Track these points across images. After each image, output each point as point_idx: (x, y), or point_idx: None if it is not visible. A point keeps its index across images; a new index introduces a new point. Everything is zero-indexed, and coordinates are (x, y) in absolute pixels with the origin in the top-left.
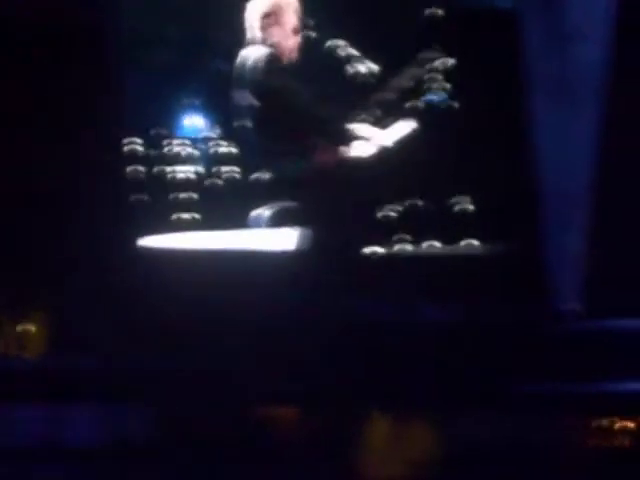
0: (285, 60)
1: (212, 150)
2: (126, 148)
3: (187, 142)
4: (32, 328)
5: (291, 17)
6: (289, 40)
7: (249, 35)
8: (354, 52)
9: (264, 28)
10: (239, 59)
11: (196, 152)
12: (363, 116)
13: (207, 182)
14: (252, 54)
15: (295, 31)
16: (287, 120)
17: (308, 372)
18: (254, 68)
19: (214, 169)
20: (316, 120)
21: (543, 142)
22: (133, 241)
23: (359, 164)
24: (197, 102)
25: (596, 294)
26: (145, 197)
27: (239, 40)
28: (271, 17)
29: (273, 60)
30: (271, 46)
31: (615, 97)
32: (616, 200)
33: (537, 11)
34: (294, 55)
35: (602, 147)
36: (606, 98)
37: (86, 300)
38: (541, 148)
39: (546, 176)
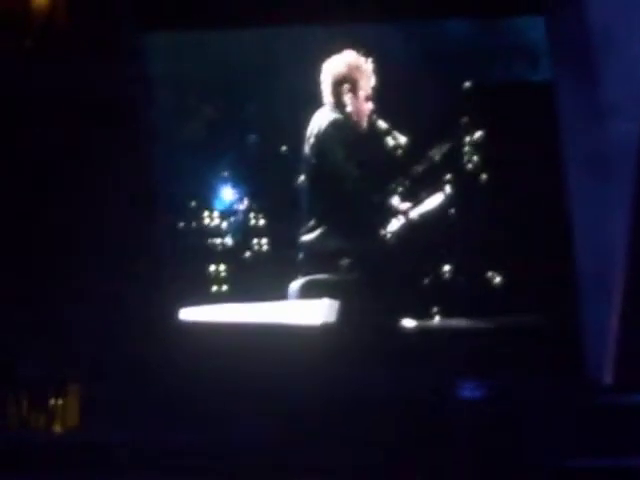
0: (354, 126)
1: (245, 222)
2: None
3: (220, 214)
4: (66, 401)
5: (365, 83)
6: (362, 106)
7: (324, 97)
8: (385, 125)
9: (336, 93)
10: (314, 118)
11: (229, 224)
12: (394, 188)
13: (240, 254)
14: (320, 118)
15: (368, 98)
16: (330, 191)
17: (341, 447)
18: (318, 132)
19: (245, 241)
20: (357, 196)
21: (579, 217)
22: (169, 314)
23: (392, 237)
24: (230, 175)
25: (629, 368)
26: (180, 269)
27: (270, 115)
28: (345, 83)
29: (339, 127)
30: (341, 112)
31: None
32: None
33: (574, 85)
34: (364, 121)
35: (638, 219)
36: None
37: (121, 373)
38: (577, 223)
39: (581, 250)
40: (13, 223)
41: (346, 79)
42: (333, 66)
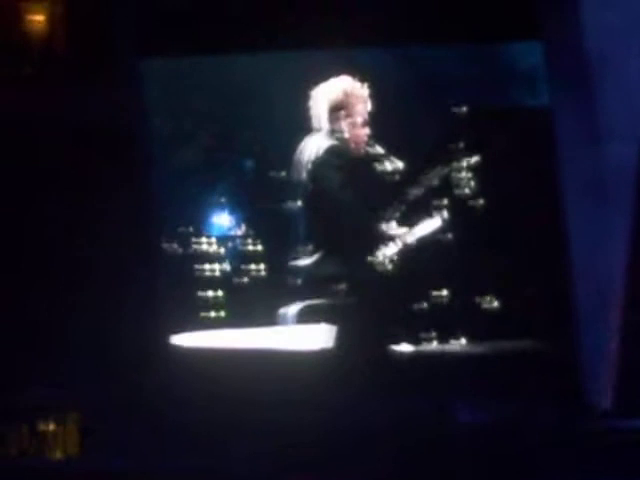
0: (350, 152)
1: (239, 248)
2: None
3: (214, 240)
4: (63, 429)
5: (362, 109)
6: (358, 132)
7: (315, 123)
8: (381, 150)
9: (333, 119)
10: (303, 143)
11: (223, 250)
12: (389, 213)
13: (234, 280)
14: (315, 144)
15: (364, 123)
16: (326, 217)
17: (337, 475)
18: (315, 158)
19: (241, 267)
20: (353, 222)
21: (577, 240)
22: (164, 341)
23: (389, 262)
24: (224, 201)
25: (628, 392)
26: (174, 295)
27: (263, 141)
28: (342, 109)
29: (335, 154)
30: (338, 138)
31: None
32: None
33: (571, 109)
34: (361, 147)
35: (636, 244)
36: None
37: (117, 399)
38: (575, 246)
39: (579, 274)
40: (6, 249)
41: (343, 105)
42: (329, 92)
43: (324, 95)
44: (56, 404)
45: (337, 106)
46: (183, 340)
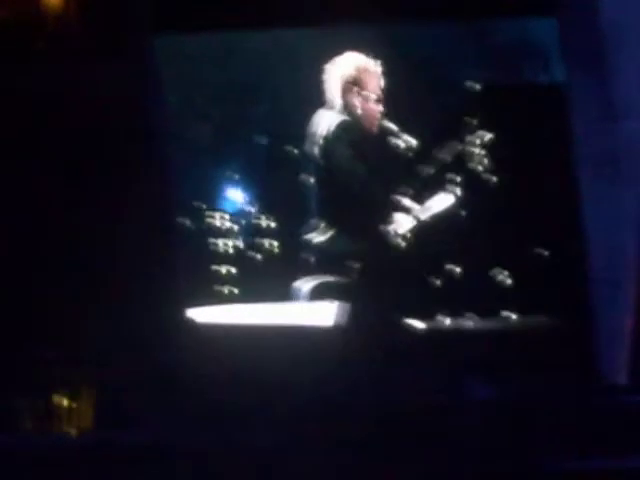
0: (363, 128)
1: (255, 224)
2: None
3: (230, 216)
4: (78, 404)
5: (375, 85)
6: (371, 109)
7: (328, 97)
8: (395, 127)
9: (346, 95)
10: (315, 118)
11: (239, 226)
12: (403, 190)
13: (247, 255)
14: (327, 119)
15: (378, 100)
16: (339, 193)
17: (349, 449)
18: (327, 134)
19: (253, 242)
20: (366, 198)
21: (591, 217)
22: (181, 315)
23: (402, 239)
24: (239, 177)
25: None
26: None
27: (277, 116)
28: (355, 85)
29: (347, 129)
30: (350, 114)
31: None
32: None
33: (586, 86)
34: (375, 124)
35: None
36: None
37: (132, 375)
38: (589, 223)
39: (594, 251)
40: (24, 226)
41: (356, 81)
42: (342, 68)
43: (337, 70)
44: (72, 380)
45: (350, 82)
46: (197, 315)
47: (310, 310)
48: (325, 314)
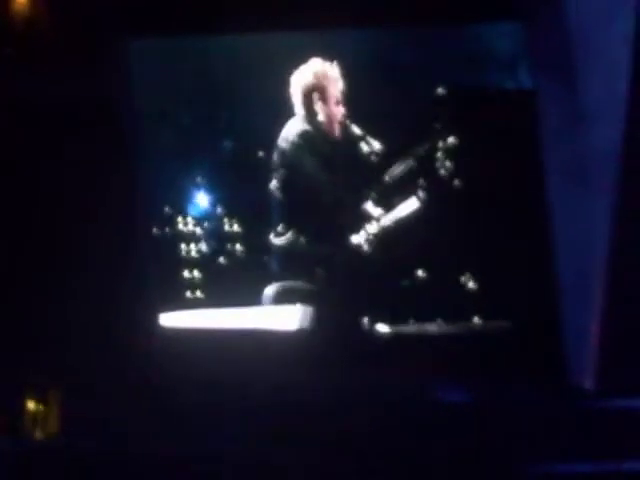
0: (325, 135)
1: (219, 228)
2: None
3: (195, 220)
4: (47, 408)
5: (333, 89)
6: (332, 112)
7: (296, 108)
8: (359, 131)
9: (307, 102)
10: (285, 127)
11: (203, 230)
12: (367, 194)
13: (215, 260)
14: (290, 128)
15: (338, 102)
16: (303, 199)
17: (317, 450)
18: (287, 144)
19: (221, 247)
20: (330, 203)
21: (559, 221)
22: (150, 320)
23: (366, 243)
24: (204, 181)
25: (610, 372)
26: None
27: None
28: (314, 91)
29: (308, 139)
30: (312, 122)
31: (632, 177)
32: (631, 279)
33: (554, 91)
34: (337, 127)
35: (618, 225)
36: (623, 178)
37: (101, 379)
38: (557, 227)
39: (561, 255)
40: None
41: (315, 88)
42: (301, 77)
43: (297, 80)
44: (42, 384)
45: (309, 89)
46: (164, 319)
47: (275, 314)
48: (290, 318)
